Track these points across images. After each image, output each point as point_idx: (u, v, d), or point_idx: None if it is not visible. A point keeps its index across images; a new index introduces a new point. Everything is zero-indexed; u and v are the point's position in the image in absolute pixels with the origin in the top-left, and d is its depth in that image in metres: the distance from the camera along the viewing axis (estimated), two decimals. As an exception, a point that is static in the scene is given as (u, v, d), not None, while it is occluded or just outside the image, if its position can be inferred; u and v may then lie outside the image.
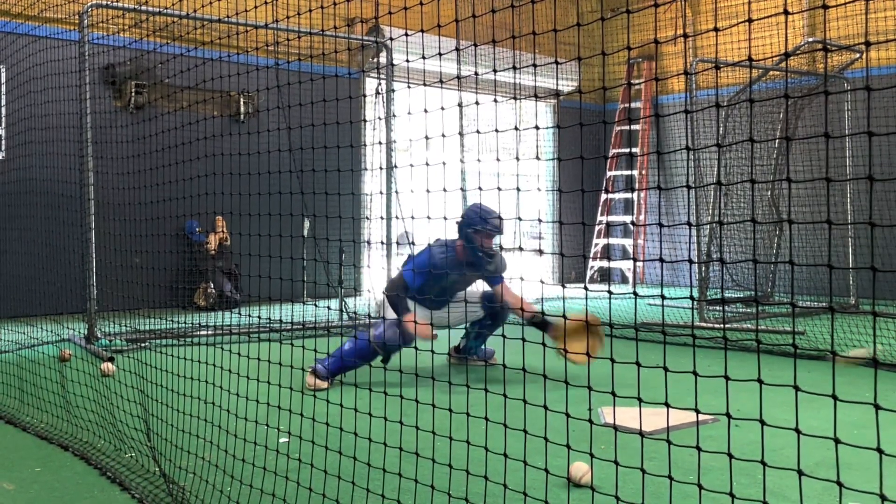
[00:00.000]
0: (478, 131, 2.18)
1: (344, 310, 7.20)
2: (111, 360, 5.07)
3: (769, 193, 8.90)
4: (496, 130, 2.11)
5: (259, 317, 3.04)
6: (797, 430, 1.50)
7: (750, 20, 1.79)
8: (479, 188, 2.27)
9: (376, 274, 8.34)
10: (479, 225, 4.80)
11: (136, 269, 6.30)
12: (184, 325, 6.43)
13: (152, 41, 7.51)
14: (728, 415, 1.70)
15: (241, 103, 8.75)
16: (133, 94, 8.09)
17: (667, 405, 1.84)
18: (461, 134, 9.16)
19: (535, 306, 5.05)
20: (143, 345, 5.83)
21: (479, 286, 5.20)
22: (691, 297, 2.04)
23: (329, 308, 6.38)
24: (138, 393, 3.64)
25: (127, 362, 4.96)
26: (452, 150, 10.11)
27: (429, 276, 4.79)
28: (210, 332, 6.18)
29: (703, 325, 6.88)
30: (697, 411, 1.74)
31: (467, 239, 4.84)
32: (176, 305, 8.08)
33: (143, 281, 6.72)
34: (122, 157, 6.64)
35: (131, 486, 2.84)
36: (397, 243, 7.78)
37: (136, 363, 4.36)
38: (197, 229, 8.24)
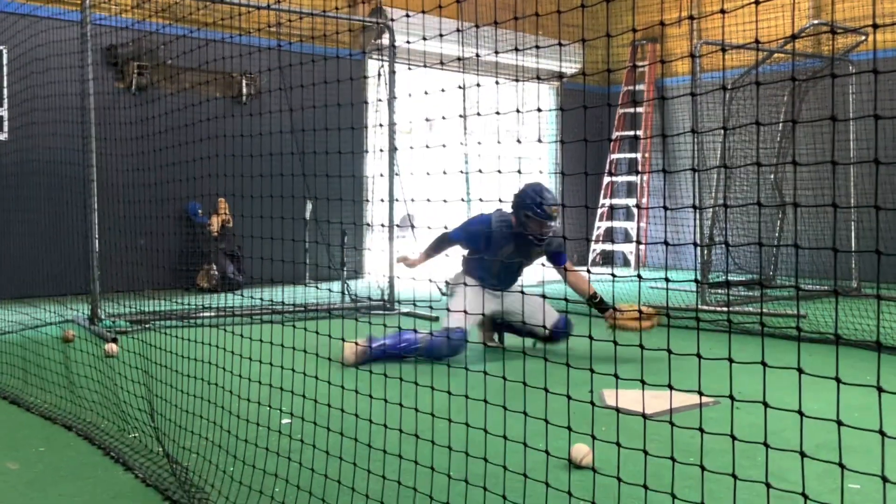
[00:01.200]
0: (478, 113, 2.17)
1: (346, 292, 7.21)
2: (115, 340, 5.08)
3: (773, 177, 8.87)
4: (497, 113, 2.10)
5: (261, 299, 3.04)
6: (800, 413, 1.50)
7: (757, 1, 1.77)
8: (479, 171, 2.26)
9: (379, 257, 8.34)
10: (530, 210, 4.75)
11: (139, 250, 6.31)
12: (187, 306, 6.45)
13: (155, 22, 7.48)
14: (731, 397, 1.70)
15: (244, 85, 8.72)
16: (135, 75, 8.06)
17: (670, 387, 1.84)
18: (462, 116, 9.12)
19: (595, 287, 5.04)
20: (146, 326, 5.85)
21: (549, 312, 4.96)
22: (695, 280, 2.04)
23: (331, 290, 6.39)
24: (142, 374, 3.65)
25: (130, 343, 4.98)
26: (456, 133, 10.08)
27: (479, 235, 4.82)
28: (213, 314, 6.19)
29: (706, 308, 6.88)
30: (700, 393, 1.74)
31: (519, 221, 4.81)
32: (179, 287, 8.09)
33: (146, 262, 6.73)
34: (125, 138, 6.62)
35: (135, 466, 2.86)
36: (399, 226, 7.77)
37: (139, 344, 4.38)
38: (199, 211, 8.24)
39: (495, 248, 4.82)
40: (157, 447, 3.01)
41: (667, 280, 1.87)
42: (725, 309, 6.88)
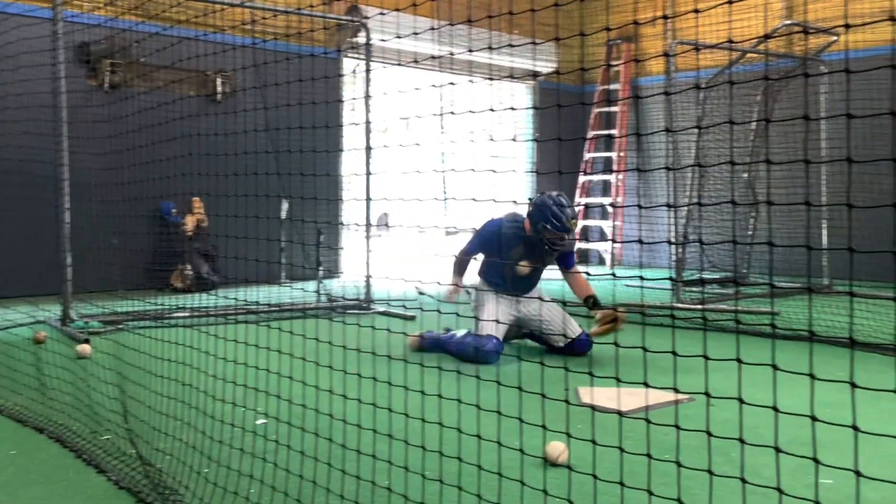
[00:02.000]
0: (452, 112, 2.17)
1: (322, 292, 7.18)
2: (87, 341, 5.02)
3: (746, 175, 8.95)
4: (472, 112, 2.09)
5: (236, 299, 3.02)
6: (774, 409, 1.51)
7: (730, 1, 1.78)
8: (453, 169, 2.26)
9: (354, 256, 8.32)
10: (549, 223, 4.74)
11: (112, 250, 6.23)
12: (160, 306, 6.39)
13: (127, 19, 7.40)
14: (706, 394, 1.71)
15: (218, 83, 8.65)
16: (108, 73, 7.97)
17: (645, 385, 1.85)
18: (437, 115, 9.12)
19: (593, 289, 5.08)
20: (119, 326, 5.78)
21: (571, 322, 5.00)
22: (670, 279, 2.04)
23: (304, 290, 6.36)
24: (115, 375, 3.61)
25: (103, 344, 4.92)
26: (433, 132, 10.08)
27: (492, 239, 4.84)
28: (187, 314, 6.14)
29: (681, 306, 6.92)
30: (676, 391, 1.75)
31: (535, 228, 4.81)
32: (152, 287, 8.02)
33: (120, 262, 6.66)
34: (98, 137, 6.54)
35: (108, 469, 2.82)
36: (376, 225, 7.75)
37: (112, 345, 4.33)
38: (173, 210, 8.17)
39: (505, 250, 4.85)
40: (130, 449, 2.98)
41: (641, 278, 1.87)
42: (700, 307, 6.93)
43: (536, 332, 5.10)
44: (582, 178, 11.83)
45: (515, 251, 4.87)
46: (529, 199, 4.99)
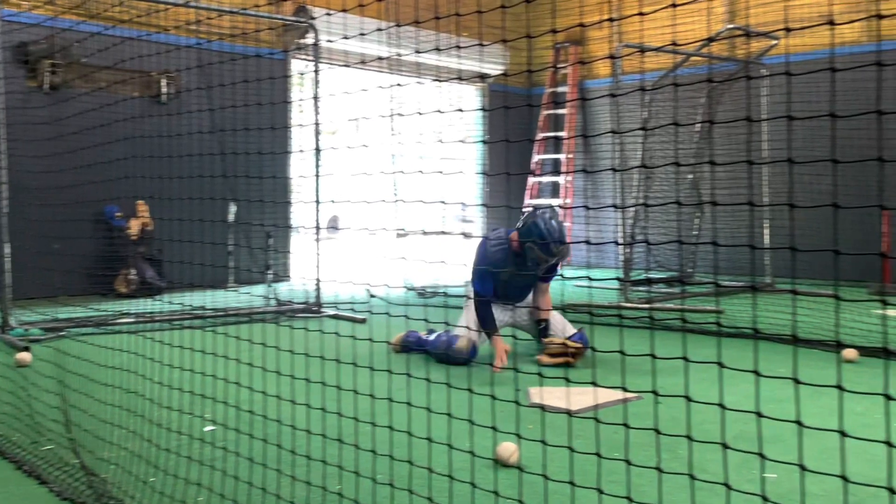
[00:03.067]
0: (399, 114, 2.16)
1: (271, 296, 7.10)
2: (27, 349, 4.89)
3: (691, 176, 9.11)
4: (419, 113, 2.09)
5: (182, 304, 2.97)
6: (721, 406, 1.53)
7: (674, 5, 1.80)
8: (402, 171, 2.25)
9: (305, 259, 8.25)
10: (535, 244, 4.72)
11: (53, 255, 6.08)
12: (104, 312, 6.26)
13: (68, 19, 7.24)
14: (654, 392, 1.73)
15: (163, 84, 8.50)
16: (48, 73, 7.78)
17: (594, 384, 1.86)
18: (386, 116, 9.10)
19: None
20: (61, 333, 5.64)
21: (566, 326, 5.01)
22: (617, 279, 2.06)
23: (251, 294, 6.28)
24: (56, 383, 3.52)
25: (44, 352, 4.80)
26: (384, 134, 10.04)
27: (491, 273, 4.82)
28: (131, 320, 6.02)
29: (629, 305, 7.01)
30: (624, 389, 1.76)
31: (522, 245, 4.79)
32: (96, 292, 7.85)
33: (61, 267, 6.50)
34: (38, 139, 6.38)
35: (49, 480, 2.75)
36: (326, 228, 7.70)
37: (53, 353, 4.22)
38: (117, 214, 8.00)
39: (497, 274, 4.87)
40: (73, 459, 2.90)
41: (589, 279, 1.89)
42: (647, 306, 7.02)
43: (532, 335, 5.16)
44: (532, 180, 11.91)
45: (505, 273, 4.90)
46: (523, 211, 5.01)
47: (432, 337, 4.97)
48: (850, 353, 4.67)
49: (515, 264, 4.81)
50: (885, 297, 7.36)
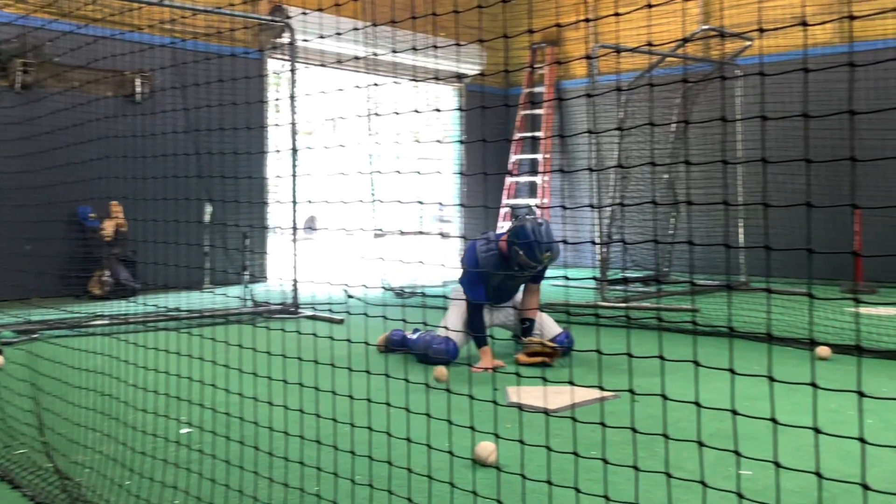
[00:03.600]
0: (376, 114, 2.16)
1: (248, 297, 7.06)
2: (-1, 352, 4.82)
3: (667, 176, 9.17)
4: (396, 113, 2.08)
5: (157, 305, 2.94)
6: (697, 404, 1.54)
7: (650, 6, 1.81)
8: (379, 172, 2.24)
9: (281, 260, 8.21)
10: (522, 249, 4.68)
11: (25, 256, 6.00)
12: (78, 314, 6.19)
13: (39, 17, 7.15)
14: (631, 391, 1.74)
15: (137, 83, 8.43)
16: (20, 73, 7.68)
17: (571, 383, 1.87)
18: (362, 116, 9.08)
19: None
20: (34, 336, 5.57)
21: (550, 326, 5.03)
22: (594, 278, 2.08)
23: (227, 295, 6.24)
24: (29, 386, 3.48)
25: (16, 354, 4.73)
26: (361, 134, 10.02)
27: (482, 277, 4.81)
28: (106, 322, 5.96)
29: (605, 304, 7.04)
30: (601, 388, 1.77)
31: (510, 249, 4.78)
32: (69, 294, 7.76)
33: (34, 269, 6.42)
34: (9, 139, 6.29)
35: (22, 484, 2.71)
36: (303, 228, 7.66)
37: (26, 355, 4.17)
38: (90, 215, 7.92)
39: (487, 278, 4.87)
40: (46, 463, 2.87)
41: (566, 278, 1.89)
42: (624, 305, 7.06)
43: (516, 334, 5.16)
44: (509, 180, 11.94)
45: (495, 279, 4.91)
46: (515, 215, 5.00)
47: (415, 336, 4.98)
48: (823, 350, 4.73)
49: (505, 269, 4.82)
50: (857, 295, 7.45)
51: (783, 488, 2.56)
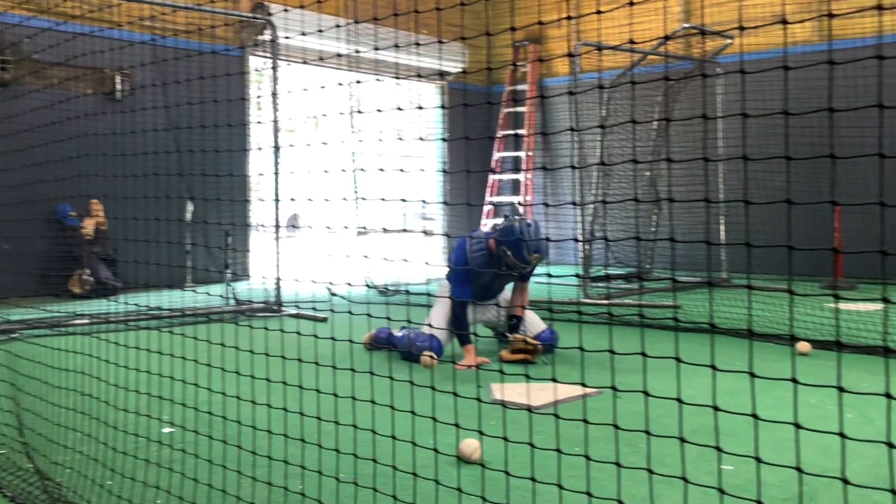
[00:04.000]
0: (359, 112, 2.16)
1: (230, 296, 7.03)
2: (-22, 352, 4.77)
3: (648, 174, 9.21)
4: (378, 111, 2.08)
5: (138, 304, 2.92)
6: (679, 400, 1.55)
7: (631, 3, 1.82)
8: (362, 169, 2.24)
9: (264, 258, 8.18)
10: (510, 250, 4.69)
11: (4, 256, 5.94)
12: (58, 314, 6.14)
13: (17, 13, 7.08)
14: (613, 387, 1.74)
15: (117, 81, 8.36)
16: (-3, 70, 7.60)
17: (554, 380, 1.87)
18: (344, 114, 9.06)
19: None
20: (13, 336, 5.52)
21: (534, 322, 5.05)
22: (576, 275, 2.08)
23: (209, 294, 6.20)
24: (9, 386, 3.45)
25: (-4, 355, 4.69)
26: (342, 131, 10.00)
27: (469, 276, 4.80)
28: (86, 321, 5.91)
29: (588, 301, 7.07)
30: (584, 385, 1.78)
31: (498, 249, 4.77)
32: (49, 293, 7.70)
33: (13, 268, 6.36)
34: (-13, 137, 6.23)
35: (3, 485, 2.69)
36: (286, 226, 7.63)
37: (5, 355, 4.13)
38: (70, 213, 7.85)
39: (475, 277, 4.87)
40: (27, 464, 2.84)
41: (549, 275, 1.90)
42: (606, 302, 7.09)
43: (501, 331, 5.17)
44: (492, 178, 11.95)
45: (484, 278, 4.91)
46: (506, 216, 5.02)
47: (400, 334, 4.98)
48: (803, 346, 4.77)
49: (494, 268, 4.82)
50: (837, 291, 7.52)
51: (764, 483, 2.58)
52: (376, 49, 2.38)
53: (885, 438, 1.19)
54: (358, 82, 2.82)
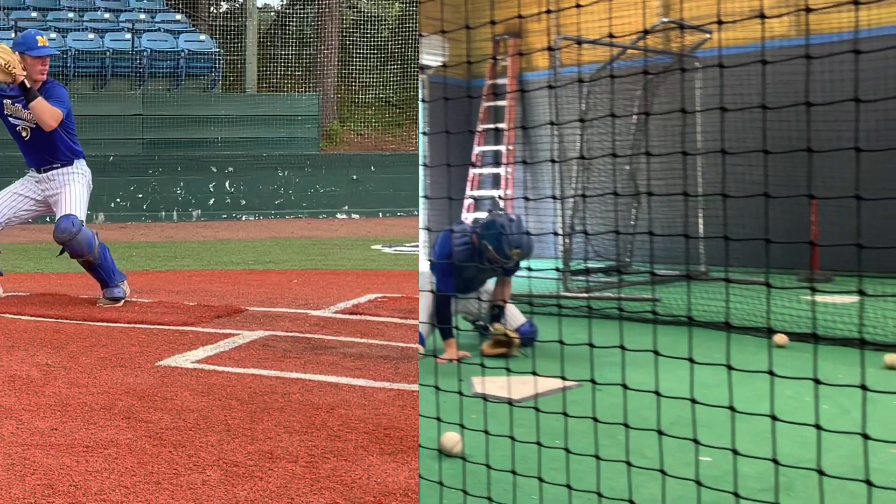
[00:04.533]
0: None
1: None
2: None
3: (628, 167, 9.25)
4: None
5: None
6: (657, 393, 1.57)
7: (609, -3, 1.83)
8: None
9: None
10: (490, 244, 4.68)
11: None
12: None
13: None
14: (592, 380, 1.75)
15: None
16: None
17: (534, 373, 1.88)
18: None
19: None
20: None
21: (514, 315, 5.06)
22: (556, 269, 2.09)
23: None
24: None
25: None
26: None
27: (452, 269, 4.77)
28: None
29: (568, 294, 7.09)
30: (563, 378, 1.79)
31: (480, 243, 4.76)
32: None
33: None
34: None
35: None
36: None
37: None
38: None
39: (459, 270, 4.86)
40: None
41: (529, 269, 1.91)
42: (586, 295, 7.11)
43: (484, 321, 5.17)
44: (472, 171, 11.94)
45: (469, 271, 4.90)
46: (489, 209, 5.00)
47: None
48: (780, 338, 4.81)
49: (477, 262, 4.82)
50: (813, 283, 7.60)
51: (741, 474, 2.60)
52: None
53: (861, 430, 1.21)
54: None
